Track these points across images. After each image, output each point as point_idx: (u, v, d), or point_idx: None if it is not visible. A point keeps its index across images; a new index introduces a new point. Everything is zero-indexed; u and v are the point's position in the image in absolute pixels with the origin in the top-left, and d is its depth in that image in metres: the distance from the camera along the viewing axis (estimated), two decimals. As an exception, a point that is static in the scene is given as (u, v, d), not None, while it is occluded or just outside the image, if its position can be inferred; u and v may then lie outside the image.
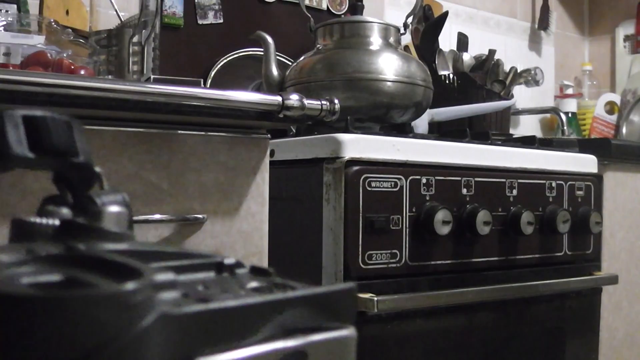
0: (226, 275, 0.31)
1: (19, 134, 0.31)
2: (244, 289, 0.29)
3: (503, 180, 1.16)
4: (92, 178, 0.34)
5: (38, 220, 0.32)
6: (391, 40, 1.33)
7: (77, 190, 0.33)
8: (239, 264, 0.31)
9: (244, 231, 0.89)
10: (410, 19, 1.43)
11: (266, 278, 0.31)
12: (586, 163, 1.34)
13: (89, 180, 0.34)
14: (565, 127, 2.11)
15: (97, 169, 0.34)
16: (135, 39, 1.21)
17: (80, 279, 0.24)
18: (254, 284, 0.30)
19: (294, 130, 1.26)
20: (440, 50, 1.72)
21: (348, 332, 0.28)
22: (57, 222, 0.32)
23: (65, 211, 0.33)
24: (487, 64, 1.77)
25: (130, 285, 0.23)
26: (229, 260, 0.31)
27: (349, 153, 1.00)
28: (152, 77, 1.17)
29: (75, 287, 0.24)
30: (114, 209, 0.31)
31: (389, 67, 1.26)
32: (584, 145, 1.44)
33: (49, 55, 1.04)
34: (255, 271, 0.32)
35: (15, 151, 0.30)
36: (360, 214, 0.98)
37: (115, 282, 0.23)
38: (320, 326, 0.28)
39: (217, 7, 1.58)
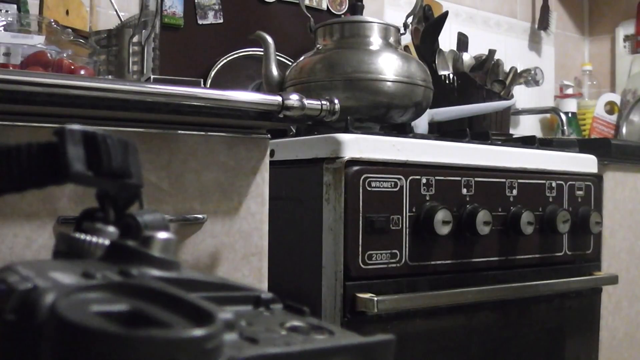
0: (262, 309, 0.31)
1: (78, 151, 0.31)
2: (284, 328, 0.29)
3: (503, 180, 1.16)
4: (136, 198, 0.34)
5: (88, 238, 0.32)
6: (391, 40, 1.33)
7: (119, 207, 0.34)
8: (274, 300, 0.32)
9: (244, 231, 0.89)
10: (410, 19, 1.43)
11: (302, 318, 0.31)
12: (586, 163, 1.34)
13: (132, 199, 0.34)
14: (565, 127, 2.11)
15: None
16: (135, 39, 1.21)
17: (147, 312, 0.24)
18: (292, 322, 0.30)
19: (294, 130, 1.26)
20: (440, 50, 1.72)
21: None
22: (106, 242, 0.32)
23: (112, 230, 0.33)
24: (487, 64, 1.77)
25: (207, 330, 0.22)
26: (265, 295, 0.32)
27: (349, 153, 1.00)
28: (152, 77, 1.17)
29: (147, 323, 0.23)
30: (163, 235, 0.31)
31: (389, 67, 1.26)
32: (584, 145, 1.44)
33: (49, 55, 1.04)
34: (290, 309, 0.32)
35: (74, 168, 0.30)
36: (360, 214, 0.98)
37: (188, 323, 0.23)
38: None
39: (217, 7, 1.58)
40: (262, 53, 1.37)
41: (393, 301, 0.99)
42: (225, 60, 1.58)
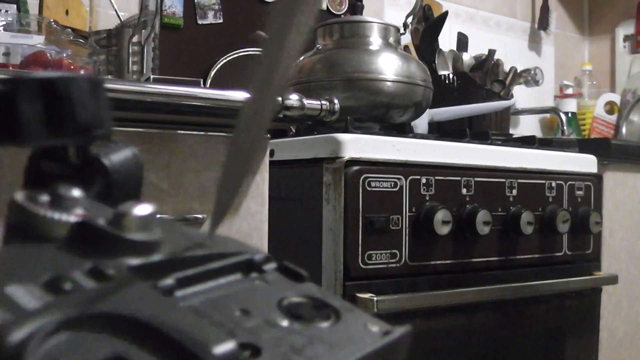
0: (255, 276, 0.28)
1: (35, 107, 0.26)
2: (284, 314, 0.26)
3: (503, 180, 1.16)
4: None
5: (49, 215, 0.26)
6: (391, 40, 1.33)
7: (83, 151, 0.29)
8: (267, 260, 0.28)
9: (243, 231, 0.89)
10: (410, 19, 1.43)
11: (301, 288, 0.28)
12: (586, 163, 1.34)
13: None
14: (565, 127, 2.11)
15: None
16: (135, 39, 1.21)
17: None
18: (291, 299, 0.27)
19: (294, 130, 1.26)
20: (440, 50, 1.72)
21: None
22: (71, 218, 0.26)
23: (76, 194, 0.27)
24: (487, 64, 1.77)
25: None
26: (258, 257, 0.28)
27: (348, 153, 1.00)
28: (152, 77, 1.17)
29: None
30: (139, 211, 0.26)
31: (389, 67, 1.26)
32: (584, 145, 1.44)
33: (48, 55, 1.04)
34: (286, 272, 0.29)
35: (29, 131, 0.26)
36: (360, 214, 0.98)
37: None
38: None
39: (217, 7, 1.58)
40: (262, 53, 1.37)
41: (393, 301, 0.99)
42: (225, 60, 1.58)
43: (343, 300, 0.28)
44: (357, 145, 1.01)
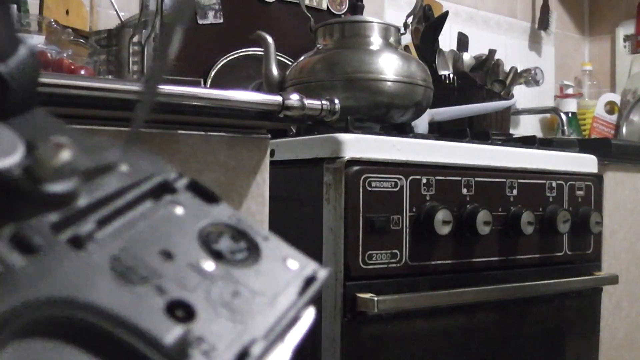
0: (168, 199, 0.28)
1: None
2: (201, 245, 0.26)
3: (503, 180, 1.16)
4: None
5: None
6: (391, 40, 1.32)
7: None
8: (179, 177, 0.29)
9: (244, 231, 0.89)
10: (410, 19, 1.42)
11: (214, 208, 0.28)
12: (586, 163, 1.34)
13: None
14: (565, 127, 2.11)
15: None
16: (135, 39, 1.21)
17: None
18: (207, 228, 0.27)
19: (294, 130, 1.26)
20: (440, 50, 1.72)
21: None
22: None
23: None
24: (487, 64, 1.77)
25: None
26: (170, 176, 0.28)
27: (349, 153, 1.00)
28: (152, 77, 1.16)
29: None
30: (59, 158, 0.24)
31: (389, 67, 1.26)
32: (584, 145, 1.44)
33: (49, 55, 1.04)
34: (199, 192, 0.29)
35: None
36: (360, 214, 0.98)
37: None
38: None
39: (217, 7, 1.58)
40: (262, 53, 1.37)
41: (393, 301, 0.99)
42: (225, 60, 1.58)
43: (258, 225, 0.29)
44: (357, 145, 1.01)
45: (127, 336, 0.21)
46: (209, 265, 0.26)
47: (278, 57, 1.40)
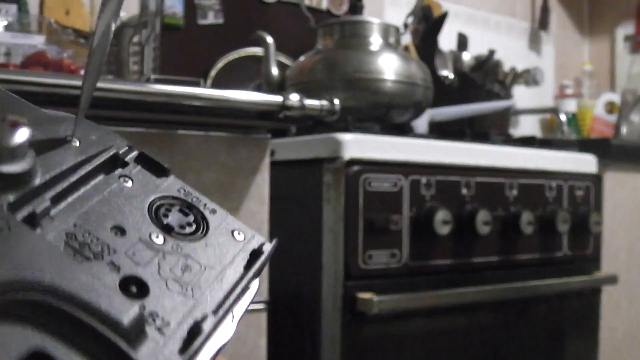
0: (118, 173, 0.29)
1: None
2: (152, 219, 0.27)
3: (503, 180, 1.16)
4: None
5: None
6: (391, 40, 1.33)
7: None
8: (130, 150, 0.30)
9: (244, 231, 0.89)
10: (410, 19, 1.43)
11: (163, 181, 0.29)
12: (586, 163, 1.35)
13: None
14: (565, 127, 2.11)
15: None
16: (135, 39, 1.21)
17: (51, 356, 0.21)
18: (156, 201, 0.28)
19: (294, 131, 1.26)
20: (440, 50, 1.72)
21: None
22: None
23: None
24: (487, 64, 1.77)
25: None
26: (121, 150, 0.29)
27: (349, 153, 1.00)
28: (152, 77, 1.17)
29: None
30: (10, 142, 0.24)
31: (389, 67, 1.26)
32: (584, 145, 1.44)
33: (49, 55, 1.04)
34: (147, 163, 0.30)
35: None
36: (360, 214, 0.98)
37: None
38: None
39: (217, 7, 1.58)
40: (262, 53, 1.37)
41: (393, 301, 0.99)
42: (225, 60, 1.58)
43: (206, 198, 0.30)
44: (357, 145, 1.01)
45: (86, 317, 0.22)
46: (159, 239, 0.27)
47: (278, 57, 1.40)
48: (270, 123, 0.88)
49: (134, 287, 0.24)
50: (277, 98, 0.84)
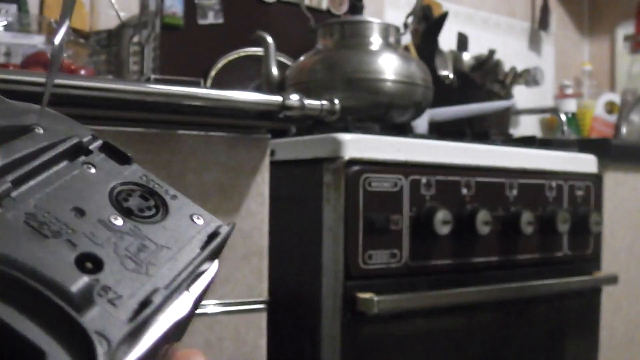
0: (81, 161, 0.29)
1: None
2: (112, 203, 0.28)
3: (503, 180, 1.16)
4: None
5: None
6: (391, 40, 1.33)
7: None
8: (94, 138, 0.30)
9: (244, 231, 0.89)
10: (410, 19, 1.43)
11: (125, 168, 0.30)
12: (586, 163, 1.35)
13: None
14: (565, 127, 2.11)
15: None
16: (135, 39, 1.21)
17: (19, 334, 0.21)
18: (118, 187, 0.29)
19: (294, 130, 1.26)
20: (440, 50, 1.72)
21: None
22: None
23: None
24: (487, 64, 1.77)
25: None
26: (85, 139, 0.30)
27: (349, 153, 1.00)
28: (152, 77, 1.17)
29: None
30: None
31: (389, 67, 1.26)
32: (584, 145, 1.44)
33: (49, 55, 1.04)
34: (111, 151, 0.31)
35: None
36: (360, 214, 0.98)
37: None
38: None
39: (217, 7, 1.58)
40: (262, 53, 1.37)
41: (393, 301, 0.99)
42: (225, 60, 1.58)
43: (167, 185, 0.31)
44: (357, 145, 1.01)
45: (38, 285, 0.23)
46: (118, 221, 0.28)
47: (278, 57, 1.40)
48: (270, 123, 0.88)
49: (90, 264, 0.25)
50: (277, 98, 0.84)
